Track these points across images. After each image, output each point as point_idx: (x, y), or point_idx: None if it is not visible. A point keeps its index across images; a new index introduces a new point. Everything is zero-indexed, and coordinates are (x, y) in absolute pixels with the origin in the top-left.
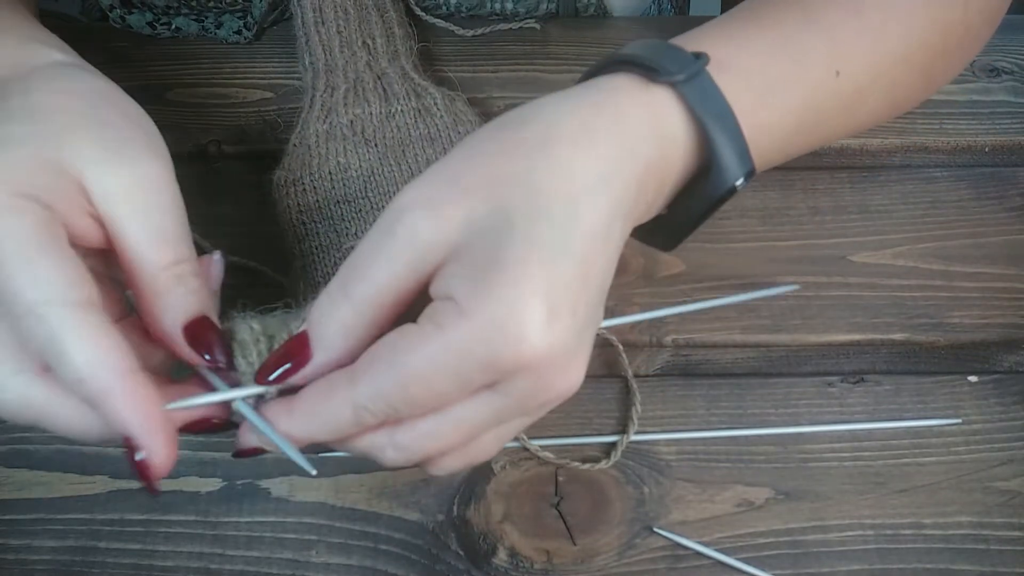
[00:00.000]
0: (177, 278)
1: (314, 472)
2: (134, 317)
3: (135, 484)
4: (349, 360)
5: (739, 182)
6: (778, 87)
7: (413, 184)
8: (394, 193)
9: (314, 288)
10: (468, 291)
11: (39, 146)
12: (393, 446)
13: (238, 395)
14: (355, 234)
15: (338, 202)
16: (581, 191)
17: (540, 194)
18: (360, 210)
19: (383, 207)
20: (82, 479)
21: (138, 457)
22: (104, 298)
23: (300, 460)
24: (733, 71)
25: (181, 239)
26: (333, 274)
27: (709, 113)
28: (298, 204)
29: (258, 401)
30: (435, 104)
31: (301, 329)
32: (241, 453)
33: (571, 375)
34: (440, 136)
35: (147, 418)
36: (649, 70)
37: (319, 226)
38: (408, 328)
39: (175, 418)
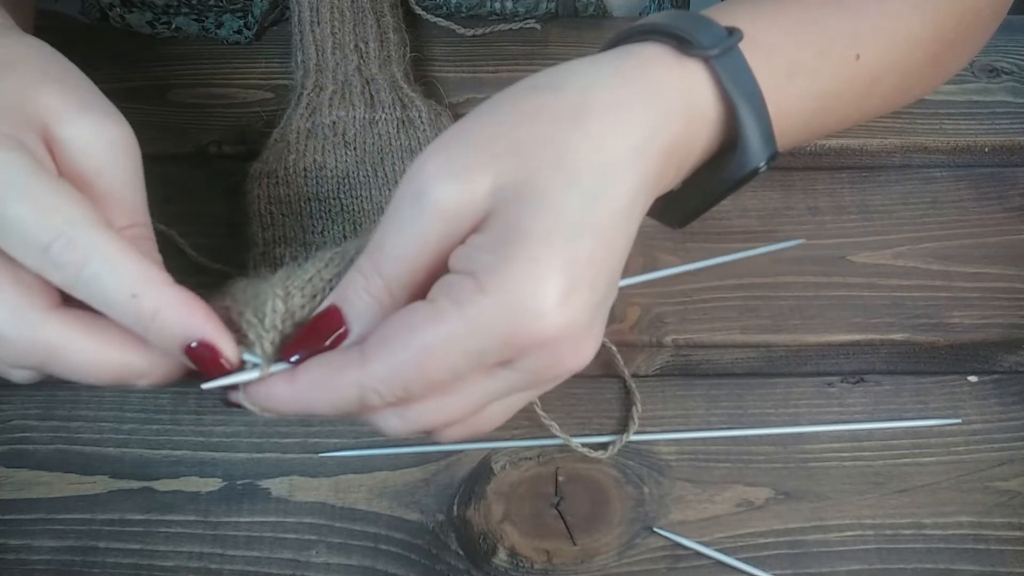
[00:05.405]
0: (134, 240)
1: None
2: None
3: (135, 484)
4: None
5: (762, 165)
6: (802, 71)
7: (432, 152)
8: (366, 199)
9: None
10: (489, 265)
11: (6, 97)
12: (399, 417)
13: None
14: (321, 233)
15: (309, 199)
16: (611, 163)
17: (571, 164)
18: (329, 210)
19: (353, 211)
20: (82, 479)
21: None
22: None
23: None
24: (761, 50)
25: (139, 204)
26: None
27: (740, 92)
28: (268, 195)
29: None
30: (419, 117)
31: (326, 305)
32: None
33: (583, 351)
34: (420, 149)
35: (207, 317)
36: (681, 41)
37: (286, 219)
38: (421, 306)
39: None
